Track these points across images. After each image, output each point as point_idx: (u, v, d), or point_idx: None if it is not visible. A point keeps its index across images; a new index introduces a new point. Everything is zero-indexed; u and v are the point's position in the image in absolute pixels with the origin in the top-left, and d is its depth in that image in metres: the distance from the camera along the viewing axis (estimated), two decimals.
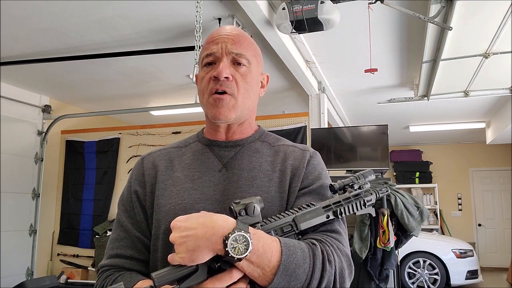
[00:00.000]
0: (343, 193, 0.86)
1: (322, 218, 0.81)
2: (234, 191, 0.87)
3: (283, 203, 0.87)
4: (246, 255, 0.66)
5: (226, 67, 0.88)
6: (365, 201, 0.85)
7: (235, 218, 0.72)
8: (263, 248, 0.69)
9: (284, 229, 0.78)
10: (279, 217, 0.78)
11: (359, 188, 0.86)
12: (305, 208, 0.81)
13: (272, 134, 1.03)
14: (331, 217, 0.82)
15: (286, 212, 0.80)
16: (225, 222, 0.69)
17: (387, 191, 0.92)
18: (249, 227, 0.70)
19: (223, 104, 0.88)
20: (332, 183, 0.88)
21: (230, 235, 0.66)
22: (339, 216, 0.82)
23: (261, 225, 0.76)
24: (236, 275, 0.70)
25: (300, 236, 0.80)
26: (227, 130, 0.95)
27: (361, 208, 0.85)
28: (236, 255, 0.66)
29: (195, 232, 0.68)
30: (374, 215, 0.89)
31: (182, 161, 0.95)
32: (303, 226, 0.79)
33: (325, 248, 0.75)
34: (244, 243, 0.66)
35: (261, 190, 0.87)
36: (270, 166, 0.92)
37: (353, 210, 0.84)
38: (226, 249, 0.66)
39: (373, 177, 0.89)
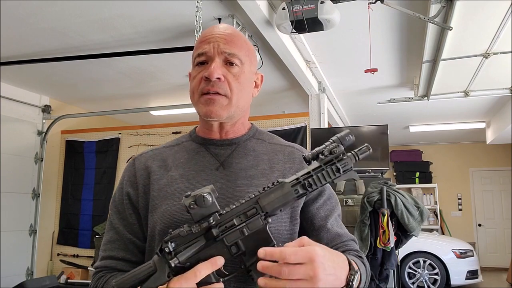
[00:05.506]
0: None
1: (290, 195, 0.73)
2: (233, 189, 0.87)
3: None
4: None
5: (218, 67, 0.86)
6: (338, 167, 0.74)
7: (187, 212, 0.70)
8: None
9: (248, 213, 0.72)
10: (241, 202, 0.73)
11: (330, 153, 0.74)
12: (270, 187, 0.74)
13: (265, 132, 1.02)
14: (300, 192, 0.73)
15: (249, 194, 0.74)
16: (343, 272, 0.72)
17: (369, 149, 0.79)
18: (349, 259, 0.74)
19: (215, 103, 0.87)
20: (304, 154, 0.78)
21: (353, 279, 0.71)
22: (308, 189, 0.74)
23: (220, 214, 0.71)
24: (203, 271, 0.68)
25: (269, 220, 0.73)
26: (221, 129, 0.94)
27: (334, 175, 0.74)
28: None
29: (333, 280, 0.68)
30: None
31: (176, 160, 0.94)
32: (269, 207, 0.72)
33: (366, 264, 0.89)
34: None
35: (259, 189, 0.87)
36: (268, 165, 0.92)
37: (325, 180, 0.74)
38: None
39: (351, 137, 0.77)
